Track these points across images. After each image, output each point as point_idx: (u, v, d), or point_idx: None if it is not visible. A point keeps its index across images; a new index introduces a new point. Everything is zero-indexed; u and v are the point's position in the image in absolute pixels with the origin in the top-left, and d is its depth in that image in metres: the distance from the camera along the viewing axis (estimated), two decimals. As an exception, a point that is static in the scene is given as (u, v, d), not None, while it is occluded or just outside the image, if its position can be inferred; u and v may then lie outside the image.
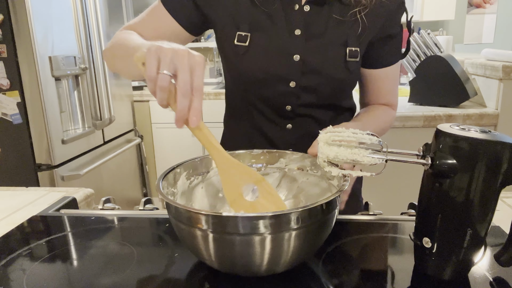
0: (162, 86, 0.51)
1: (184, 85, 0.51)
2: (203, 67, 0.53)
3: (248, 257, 0.50)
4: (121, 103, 2.55)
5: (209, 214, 0.49)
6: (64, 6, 1.97)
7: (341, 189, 0.54)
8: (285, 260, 0.51)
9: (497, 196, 0.50)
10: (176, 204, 0.51)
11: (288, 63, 0.81)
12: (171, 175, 0.63)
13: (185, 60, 0.51)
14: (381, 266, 0.59)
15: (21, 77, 1.78)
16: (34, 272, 0.58)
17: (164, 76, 0.51)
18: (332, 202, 0.52)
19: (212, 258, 0.52)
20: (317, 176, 0.68)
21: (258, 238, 0.48)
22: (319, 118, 0.88)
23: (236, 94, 0.92)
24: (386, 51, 0.86)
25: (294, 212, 0.48)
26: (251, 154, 0.72)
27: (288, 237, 0.49)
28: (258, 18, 0.81)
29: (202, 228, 0.49)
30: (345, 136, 0.55)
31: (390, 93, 0.92)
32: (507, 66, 1.68)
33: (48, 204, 0.83)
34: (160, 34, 0.83)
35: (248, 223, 0.47)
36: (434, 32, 2.25)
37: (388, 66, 0.88)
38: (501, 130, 1.72)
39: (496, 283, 0.53)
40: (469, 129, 0.50)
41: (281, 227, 0.48)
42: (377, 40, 0.84)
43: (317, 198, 0.66)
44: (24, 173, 1.87)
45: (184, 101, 0.51)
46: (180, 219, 0.52)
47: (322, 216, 0.51)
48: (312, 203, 0.49)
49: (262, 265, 0.51)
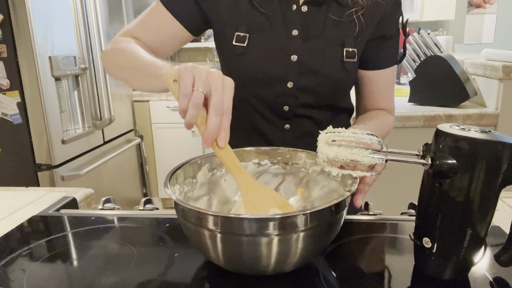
0: (196, 103, 0.52)
1: (217, 104, 0.53)
2: (233, 90, 0.55)
3: (255, 257, 0.50)
4: (121, 103, 2.55)
5: (218, 215, 0.49)
6: (64, 6, 1.97)
7: (349, 190, 0.54)
8: (292, 261, 0.51)
9: (497, 196, 0.50)
10: (184, 204, 0.50)
11: (285, 63, 0.81)
12: (188, 167, 0.64)
13: (219, 81, 0.54)
14: (381, 266, 0.59)
15: (21, 77, 1.78)
16: (34, 272, 0.58)
17: (199, 93, 0.52)
18: (340, 204, 0.52)
19: (220, 257, 0.52)
20: (337, 181, 0.66)
21: (266, 239, 0.48)
22: (317, 118, 0.88)
23: (234, 94, 0.92)
24: (381, 52, 0.86)
25: (301, 214, 0.48)
26: (276, 151, 0.72)
27: (296, 238, 0.49)
28: (256, 19, 0.81)
29: (209, 228, 0.49)
30: (345, 136, 0.55)
31: (386, 97, 0.91)
32: (507, 66, 1.68)
33: (48, 204, 0.83)
34: (162, 35, 0.84)
35: (256, 224, 0.47)
36: (434, 32, 2.25)
37: (383, 69, 0.88)
38: (501, 130, 1.73)
39: (496, 283, 0.53)
40: (469, 129, 0.50)
41: (289, 229, 0.48)
42: (372, 39, 0.84)
43: (324, 198, 0.66)
44: (24, 173, 1.87)
45: (216, 120, 0.53)
46: (188, 218, 0.52)
47: (329, 218, 0.51)
48: (319, 205, 0.49)
49: (269, 265, 0.51)
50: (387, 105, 0.92)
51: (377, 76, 0.88)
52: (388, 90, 0.91)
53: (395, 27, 0.85)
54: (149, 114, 2.89)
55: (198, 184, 0.67)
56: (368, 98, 0.92)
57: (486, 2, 3.76)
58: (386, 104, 0.91)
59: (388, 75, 0.89)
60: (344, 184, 0.63)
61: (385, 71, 0.88)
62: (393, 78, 0.91)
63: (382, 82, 0.89)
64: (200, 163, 0.68)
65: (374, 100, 0.91)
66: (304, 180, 0.71)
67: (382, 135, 0.87)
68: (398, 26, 0.86)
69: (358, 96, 0.95)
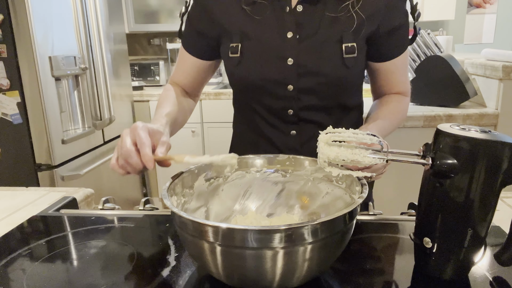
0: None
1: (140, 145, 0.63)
2: (136, 129, 0.63)
3: (259, 272, 0.47)
4: (121, 103, 2.55)
5: (217, 226, 0.46)
6: (64, 6, 1.97)
7: (359, 199, 0.52)
8: (299, 275, 0.48)
9: (497, 196, 0.50)
10: (181, 214, 0.48)
11: (282, 67, 0.81)
12: (186, 176, 0.63)
13: (124, 138, 0.64)
14: (381, 266, 0.59)
15: (21, 77, 1.78)
16: (34, 272, 0.58)
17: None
18: (352, 213, 0.49)
19: (220, 271, 0.49)
20: (342, 188, 0.64)
21: (271, 252, 0.45)
22: (323, 122, 0.86)
23: (240, 102, 0.95)
24: (393, 43, 0.85)
25: (308, 226, 0.45)
26: (276, 159, 0.69)
27: (304, 251, 0.46)
28: (249, 26, 0.82)
29: (209, 240, 0.46)
30: (346, 137, 0.55)
31: (402, 83, 0.91)
32: (507, 66, 1.68)
33: (48, 204, 0.83)
34: (189, 73, 0.95)
35: (259, 236, 0.44)
36: (434, 32, 2.25)
37: (397, 57, 0.87)
38: (501, 130, 1.72)
39: (496, 283, 0.53)
40: (469, 129, 0.50)
41: (295, 241, 0.45)
42: (382, 34, 0.82)
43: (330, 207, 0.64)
44: (24, 173, 1.87)
45: (143, 151, 0.62)
46: (185, 229, 0.49)
47: (342, 227, 0.49)
48: (332, 215, 0.46)
49: (274, 280, 0.48)
50: (402, 89, 0.92)
51: (392, 65, 0.87)
52: (403, 75, 0.91)
53: (404, 15, 0.84)
54: (149, 114, 2.89)
55: (195, 195, 0.65)
56: (384, 87, 0.92)
57: (486, 2, 3.76)
58: (401, 88, 0.91)
59: (402, 61, 0.88)
60: (350, 191, 0.61)
61: (398, 58, 0.87)
62: (406, 62, 0.91)
63: (397, 70, 0.89)
64: (196, 172, 0.65)
65: (390, 87, 0.91)
66: (306, 188, 0.68)
67: (397, 122, 0.87)
68: (407, 13, 0.84)
69: (373, 85, 0.94)
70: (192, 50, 0.92)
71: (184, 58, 0.94)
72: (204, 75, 0.97)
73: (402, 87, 0.91)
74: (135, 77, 3.07)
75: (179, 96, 0.91)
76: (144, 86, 2.98)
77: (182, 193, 0.62)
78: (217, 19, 0.85)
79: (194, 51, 0.92)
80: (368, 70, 0.91)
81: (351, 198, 0.60)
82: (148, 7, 2.94)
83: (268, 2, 0.81)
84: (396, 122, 0.87)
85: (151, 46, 3.37)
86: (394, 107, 0.88)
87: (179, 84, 0.96)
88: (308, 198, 0.68)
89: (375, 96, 0.96)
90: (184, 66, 0.95)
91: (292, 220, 0.66)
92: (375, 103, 0.93)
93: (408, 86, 0.93)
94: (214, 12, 0.85)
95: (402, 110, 0.90)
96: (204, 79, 0.98)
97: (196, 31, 0.89)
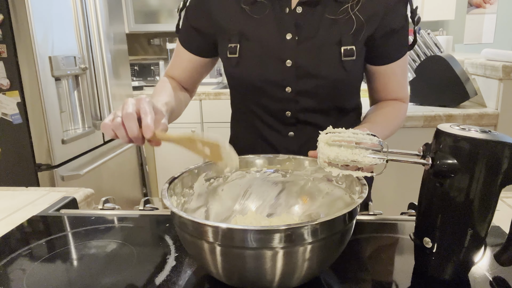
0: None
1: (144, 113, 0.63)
2: (141, 100, 0.63)
3: (259, 272, 0.47)
4: (121, 103, 2.52)
5: (217, 226, 0.46)
6: (64, 6, 1.97)
7: (359, 199, 0.52)
8: (299, 275, 0.48)
9: (497, 196, 0.50)
10: (181, 214, 0.48)
11: (281, 68, 0.81)
12: (186, 176, 0.63)
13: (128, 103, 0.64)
14: (381, 266, 0.59)
15: (21, 77, 1.78)
16: (34, 272, 0.58)
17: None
18: (352, 213, 0.49)
19: (220, 271, 0.49)
20: (342, 188, 0.64)
21: (271, 252, 0.45)
22: (322, 124, 0.85)
23: (238, 102, 0.95)
24: (391, 46, 0.84)
25: (308, 226, 0.45)
26: (276, 159, 0.70)
27: (303, 251, 0.46)
28: (248, 27, 0.82)
29: (209, 240, 0.46)
30: (345, 137, 0.55)
31: (400, 88, 0.90)
32: (507, 66, 1.68)
33: (48, 204, 0.83)
34: (184, 68, 0.94)
35: (259, 236, 0.44)
36: (434, 32, 2.25)
37: (395, 61, 0.85)
38: (501, 130, 1.72)
39: (496, 283, 0.53)
40: (469, 129, 0.50)
41: (295, 241, 0.45)
42: (380, 36, 0.81)
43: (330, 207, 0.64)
44: (24, 173, 1.87)
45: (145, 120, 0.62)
46: (185, 229, 0.49)
47: (342, 227, 0.49)
48: (328, 216, 0.46)
49: (274, 280, 0.48)
50: (401, 95, 0.90)
51: (390, 69, 0.86)
52: (402, 81, 0.90)
53: (403, 19, 0.83)
54: (149, 114, 2.89)
55: (195, 195, 0.65)
56: (381, 92, 0.90)
57: (486, 2, 3.76)
58: (399, 94, 0.90)
59: (400, 66, 0.87)
60: (350, 191, 0.61)
61: (397, 62, 0.85)
62: (405, 67, 0.89)
63: (394, 75, 0.88)
64: (196, 172, 0.65)
65: (388, 93, 0.90)
66: (306, 188, 0.68)
67: (393, 128, 0.86)
68: (407, 17, 0.83)
69: (370, 89, 0.93)
70: (188, 46, 0.91)
71: (180, 53, 0.93)
72: (200, 72, 0.96)
73: (401, 92, 0.90)
74: (135, 77, 3.07)
75: (176, 89, 0.90)
76: (144, 86, 2.98)
77: (182, 193, 0.62)
78: (215, 17, 0.85)
79: (190, 47, 0.91)
80: (366, 73, 0.91)
81: (351, 198, 0.60)
82: (148, 7, 2.94)
83: (268, 2, 0.81)
84: (392, 128, 0.86)
85: (151, 46, 3.37)
86: (388, 112, 0.88)
87: (174, 79, 0.96)
88: (308, 198, 0.68)
89: (372, 101, 0.95)
90: (180, 61, 0.94)
91: (292, 220, 0.66)
92: (372, 108, 0.92)
93: (407, 92, 0.92)
94: (213, 9, 0.85)
95: (398, 117, 0.89)
96: (200, 76, 0.98)
97: (192, 27, 0.89)
